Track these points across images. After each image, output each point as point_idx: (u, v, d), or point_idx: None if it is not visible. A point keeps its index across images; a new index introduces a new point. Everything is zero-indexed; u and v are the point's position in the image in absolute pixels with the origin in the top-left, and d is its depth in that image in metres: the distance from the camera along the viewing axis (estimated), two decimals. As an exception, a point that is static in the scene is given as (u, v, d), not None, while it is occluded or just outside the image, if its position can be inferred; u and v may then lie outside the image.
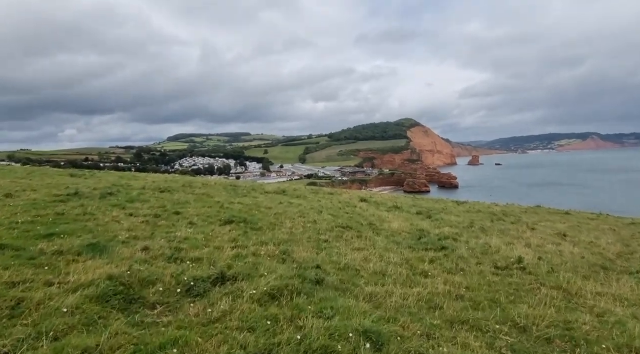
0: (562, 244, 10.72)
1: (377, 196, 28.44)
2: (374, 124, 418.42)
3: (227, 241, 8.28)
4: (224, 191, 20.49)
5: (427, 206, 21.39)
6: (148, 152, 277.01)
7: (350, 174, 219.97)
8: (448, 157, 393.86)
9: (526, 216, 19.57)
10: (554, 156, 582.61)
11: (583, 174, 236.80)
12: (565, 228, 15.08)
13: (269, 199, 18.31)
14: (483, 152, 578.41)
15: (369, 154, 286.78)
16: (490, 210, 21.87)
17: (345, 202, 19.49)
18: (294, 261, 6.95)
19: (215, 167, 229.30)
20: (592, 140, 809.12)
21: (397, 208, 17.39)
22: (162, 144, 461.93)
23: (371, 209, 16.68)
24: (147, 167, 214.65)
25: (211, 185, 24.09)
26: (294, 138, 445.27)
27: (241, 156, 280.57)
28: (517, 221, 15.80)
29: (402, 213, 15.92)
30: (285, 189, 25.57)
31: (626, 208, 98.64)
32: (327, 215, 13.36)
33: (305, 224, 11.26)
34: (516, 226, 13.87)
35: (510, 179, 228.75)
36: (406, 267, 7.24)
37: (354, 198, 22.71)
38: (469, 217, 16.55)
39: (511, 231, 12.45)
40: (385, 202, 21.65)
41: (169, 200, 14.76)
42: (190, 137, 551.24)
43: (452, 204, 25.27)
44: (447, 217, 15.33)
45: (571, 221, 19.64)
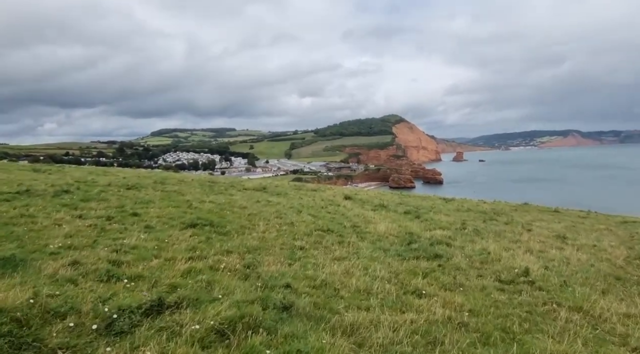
0: (565, 249, 9.72)
1: (362, 192, 27.34)
2: (360, 119, 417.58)
3: (183, 249, 6.96)
4: (199, 188, 19.06)
5: (414, 203, 20.33)
6: (131, 147, 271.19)
7: (335, 169, 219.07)
8: (433, 153, 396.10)
9: (518, 215, 18.70)
10: (535, 152, 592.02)
11: (564, 170, 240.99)
12: (562, 229, 14.17)
13: (246, 196, 16.97)
14: (467, 148, 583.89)
15: (354, 149, 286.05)
16: (480, 208, 20.96)
17: (328, 200, 18.30)
18: (260, 277, 5.69)
19: (200, 163, 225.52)
20: (573, 137, 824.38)
21: (383, 207, 16.26)
22: (146, 139, 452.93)
23: (355, 208, 15.51)
24: (129, 162, 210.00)
25: (187, 181, 22.63)
26: (279, 133, 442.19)
27: (226, 151, 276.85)
28: (510, 220, 14.83)
29: (388, 212, 14.79)
30: (265, 185, 24.26)
31: (607, 204, 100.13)
32: (306, 215, 12.12)
33: (280, 226, 9.99)
34: (511, 227, 12.86)
35: (493, 175, 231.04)
36: (395, 283, 6.05)
37: (337, 195, 21.53)
38: (460, 216, 15.52)
39: (507, 233, 11.43)
40: (370, 200, 20.54)
41: (132, 198, 13.30)
42: (174, 132, 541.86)
43: (440, 201, 24.32)
44: (436, 217, 14.25)
45: (564, 220, 18.83)
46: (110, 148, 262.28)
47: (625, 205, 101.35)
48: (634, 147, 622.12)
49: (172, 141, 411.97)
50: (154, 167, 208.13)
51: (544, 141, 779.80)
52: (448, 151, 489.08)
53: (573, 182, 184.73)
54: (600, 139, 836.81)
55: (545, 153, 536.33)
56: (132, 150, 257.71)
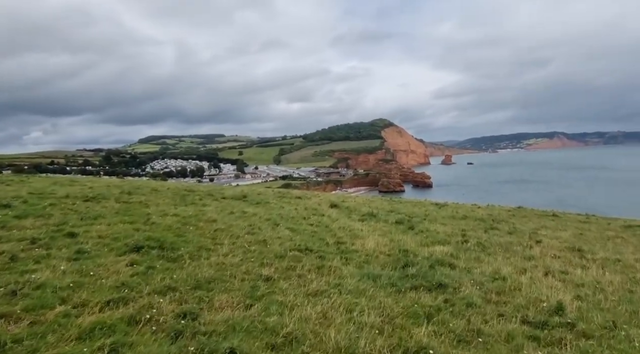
0: (588, 267, 8.18)
1: (350, 199, 25.71)
2: (348, 124, 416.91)
3: (107, 288, 5.22)
4: (170, 198, 17.25)
5: (406, 210, 18.76)
6: (118, 155, 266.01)
7: (324, 174, 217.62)
8: (421, 156, 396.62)
9: (518, 222, 17.24)
10: (522, 154, 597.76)
11: (550, 172, 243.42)
12: (571, 238, 12.69)
13: (221, 207, 15.21)
14: (455, 151, 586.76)
15: (343, 154, 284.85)
16: (476, 214, 19.49)
17: (312, 209, 16.62)
18: (196, 335, 3.98)
19: (188, 170, 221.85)
20: (558, 139, 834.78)
21: (373, 216, 14.63)
22: (133, 146, 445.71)
23: (342, 218, 13.85)
24: (116, 171, 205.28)
25: (161, 190, 20.80)
26: (268, 139, 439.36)
27: (215, 157, 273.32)
28: (513, 229, 13.31)
29: (378, 223, 13.15)
30: (247, 193, 22.52)
31: (594, 205, 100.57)
32: (284, 229, 10.41)
33: (249, 246, 8.28)
34: (517, 238, 11.32)
35: (482, 177, 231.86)
36: (390, 334, 4.40)
37: (323, 203, 19.86)
38: (457, 225, 13.97)
39: (514, 246, 9.87)
40: (358, 207, 18.92)
41: (82, 213, 11.46)
42: (162, 138, 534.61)
43: (433, 207, 22.82)
44: (432, 227, 12.66)
45: (567, 227, 17.43)
46: (96, 156, 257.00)
47: (612, 206, 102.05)
48: (617, 148, 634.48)
49: (160, 148, 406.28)
50: (142, 175, 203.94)
51: (531, 143, 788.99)
52: (437, 154, 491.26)
53: (559, 184, 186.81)
54: (585, 141, 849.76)
55: (532, 155, 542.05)
56: (119, 158, 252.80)
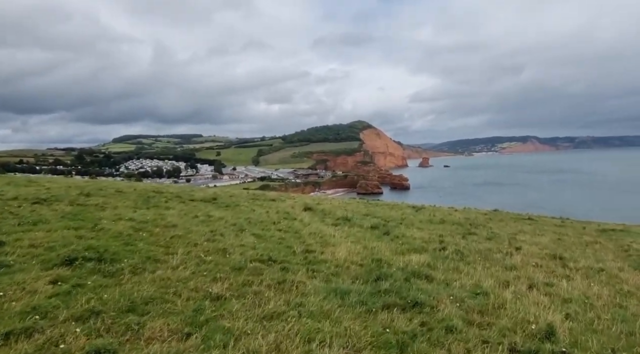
0: (573, 277, 7.65)
1: (326, 201, 24.98)
2: (327, 126, 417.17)
3: (14, 313, 4.25)
4: (133, 200, 16.11)
5: (382, 214, 18.16)
6: (91, 154, 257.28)
7: (303, 176, 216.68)
8: (399, 159, 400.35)
9: (495, 226, 16.86)
10: (497, 158, 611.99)
11: (523, 175, 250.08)
12: (550, 244, 12.28)
13: (186, 210, 14.18)
14: (432, 154, 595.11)
15: (322, 156, 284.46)
16: (453, 218, 19.06)
17: (284, 213, 15.78)
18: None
19: (164, 170, 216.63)
20: (531, 143, 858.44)
21: (347, 220, 13.89)
22: (107, 146, 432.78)
23: (314, 223, 13.07)
24: (89, 171, 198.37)
25: (126, 192, 19.56)
26: (246, 140, 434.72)
27: (192, 158, 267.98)
28: (491, 235, 12.81)
29: (352, 228, 12.43)
30: (218, 195, 21.51)
31: (564, 207, 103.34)
32: (249, 236, 9.54)
33: (205, 256, 7.38)
34: (496, 244, 10.78)
35: (458, 180, 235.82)
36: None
37: (297, 206, 19.07)
38: (435, 230, 13.40)
39: (494, 254, 9.30)
40: (333, 211, 18.18)
41: (23, 217, 10.29)
42: (137, 138, 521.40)
43: (410, 210, 22.33)
44: (408, 233, 12.03)
45: (544, 231, 17.17)
46: (68, 155, 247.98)
47: (581, 208, 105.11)
48: (586, 153, 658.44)
49: (135, 147, 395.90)
50: (116, 175, 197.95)
51: (505, 147, 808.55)
52: (414, 157, 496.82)
53: (532, 186, 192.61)
54: (556, 145, 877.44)
55: (506, 158, 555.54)
56: (92, 157, 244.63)
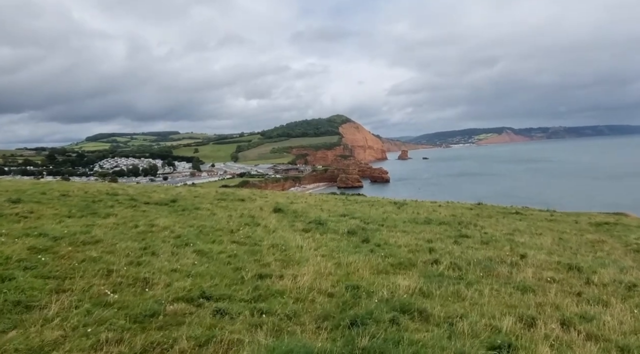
0: (607, 301, 5.96)
1: (301, 199, 23.04)
2: (306, 120, 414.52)
3: None
4: (70, 206, 13.80)
5: (361, 213, 16.36)
6: (63, 154, 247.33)
7: (283, 171, 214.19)
8: (379, 152, 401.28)
9: (486, 224, 15.36)
10: (474, 149, 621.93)
11: (499, 165, 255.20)
12: (555, 246, 10.76)
13: (128, 218, 12.01)
14: (411, 147, 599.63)
15: (301, 150, 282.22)
16: (438, 215, 17.49)
17: (249, 216, 13.80)
18: None
19: (140, 168, 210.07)
20: (507, 134, 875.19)
21: (321, 224, 12.04)
22: (81, 145, 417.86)
23: (281, 229, 11.14)
24: (61, 171, 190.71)
25: (71, 195, 17.15)
26: (225, 136, 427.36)
27: (169, 155, 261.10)
28: (487, 238, 11.20)
29: (326, 234, 10.56)
30: (179, 197, 19.34)
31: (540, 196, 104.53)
32: (190, 254, 7.52)
33: (113, 292, 5.34)
34: (496, 251, 9.09)
35: (437, 171, 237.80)
36: None
37: (267, 207, 17.09)
38: (420, 233, 11.69)
39: (497, 266, 7.60)
40: (307, 211, 16.29)
41: None
42: (112, 136, 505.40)
43: (392, 207, 20.66)
44: (391, 238, 10.25)
45: (538, 228, 15.72)
46: (38, 156, 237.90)
47: (554, 196, 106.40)
48: (558, 143, 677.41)
49: (110, 146, 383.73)
50: (90, 174, 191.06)
51: (481, 138, 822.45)
52: (393, 150, 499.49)
53: (506, 175, 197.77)
54: (530, 136, 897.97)
55: (482, 149, 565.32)
56: (64, 157, 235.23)
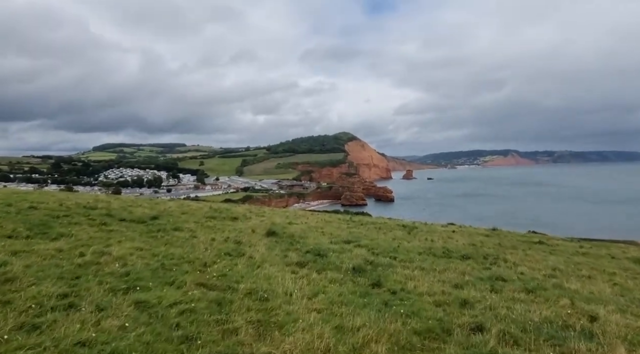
0: None
1: (301, 219, 20.86)
2: (312, 137, 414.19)
3: None
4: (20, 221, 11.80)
5: (368, 241, 14.12)
6: (69, 163, 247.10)
7: (287, 187, 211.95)
8: (384, 171, 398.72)
9: (513, 257, 13.13)
10: (479, 171, 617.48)
11: (504, 187, 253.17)
12: (618, 298, 8.42)
13: (82, 242, 9.91)
14: (416, 166, 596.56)
15: (306, 167, 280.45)
16: (456, 244, 15.26)
17: (234, 242, 11.69)
18: None
19: (145, 180, 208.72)
20: (512, 156, 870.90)
21: (320, 255, 9.82)
22: (87, 154, 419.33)
23: (268, 263, 8.98)
24: (66, 179, 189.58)
25: (42, 206, 15.26)
26: (231, 150, 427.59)
27: (174, 167, 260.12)
28: (526, 280, 8.91)
29: (325, 273, 8.40)
30: (163, 213, 17.30)
31: (547, 219, 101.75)
32: (126, 307, 5.33)
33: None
34: (555, 310, 6.76)
35: (442, 192, 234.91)
36: None
37: (259, 229, 14.95)
38: (444, 271, 9.52)
39: (572, 342, 5.28)
40: (305, 235, 14.13)
41: None
42: (119, 146, 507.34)
43: (401, 232, 18.44)
44: (410, 283, 8.07)
45: (576, 263, 13.46)
46: (44, 163, 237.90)
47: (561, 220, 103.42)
48: (564, 167, 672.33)
49: (116, 156, 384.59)
50: (94, 184, 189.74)
51: (487, 160, 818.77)
52: (398, 169, 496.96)
53: (511, 198, 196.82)
54: (536, 159, 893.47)
55: (488, 171, 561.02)
56: (69, 166, 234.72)
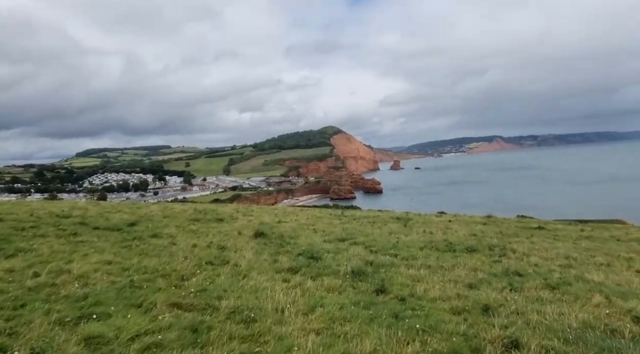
0: None
1: (290, 217, 19.76)
2: (298, 132, 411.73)
3: None
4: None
5: (364, 237, 13.13)
6: (52, 170, 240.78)
7: (276, 183, 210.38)
8: (371, 162, 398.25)
9: (520, 246, 12.33)
10: (465, 157, 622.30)
11: (490, 173, 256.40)
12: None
13: (46, 255, 8.74)
14: (403, 157, 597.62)
15: (294, 162, 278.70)
16: (457, 236, 14.45)
17: (218, 248, 10.57)
18: None
19: (131, 184, 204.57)
20: (497, 142, 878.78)
21: (314, 259, 8.76)
22: (70, 161, 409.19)
23: (256, 271, 7.93)
24: (49, 187, 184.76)
25: (8, 217, 13.87)
26: (217, 149, 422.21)
27: (160, 169, 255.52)
28: (551, 277, 7.89)
29: (321, 278, 7.31)
30: (144, 218, 16.04)
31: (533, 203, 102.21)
32: (72, 346, 4.15)
33: None
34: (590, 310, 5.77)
35: (430, 181, 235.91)
36: None
37: (247, 230, 13.90)
38: (453, 268, 8.60)
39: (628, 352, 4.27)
40: (296, 234, 13.12)
41: None
42: (103, 151, 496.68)
43: (397, 225, 17.49)
44: (418, 286, 7.02)
45: (588, 250, 12.64)
46: (27, 172, 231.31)
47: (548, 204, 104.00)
48: (548, 150, 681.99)
49: (100, 161, 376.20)
50: (79, 191, 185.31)
51: (472, 147, 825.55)
52: (385, 160, 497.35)
53: (497, 183, 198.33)
54: (520, 144, 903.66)
55: (474, 158, 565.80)
56: (53, 174, 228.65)
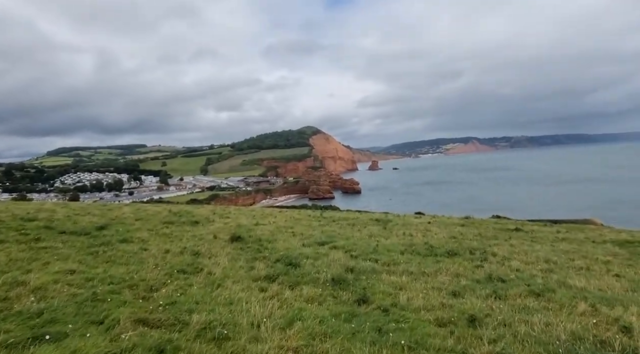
0: None
1: (269, 219, 19.42)
2: (277, 132, 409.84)
3: None
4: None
5: (344, 241, 12.94)
6: (21, 169, 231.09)
7: (254, 183, 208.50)
8: (349, 163, 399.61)
9: (502, 251, 12.33)
10: (442, 158, 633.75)
11: (465, 174, 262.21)
12: (632, 295, 7.57)
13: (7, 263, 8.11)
14: (381, 157, 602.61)
15: (272, 162, 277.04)
16: (436, 239, 14.45)
17: (192, 253, 10.15)
18: None
19: (105, 183, 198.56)
20: (473, 144, 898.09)
21: (292, 265, 8.48)
22: (41, 159, 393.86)
23: (231, 280, 7.63)
24: (19, 187, 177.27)
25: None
26: (194, 149, 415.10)
27: (136, 169, 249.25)
28: (533, 283, 7.87)
29: (300, 288, 7.06)
30: (115, 220, 15.41)
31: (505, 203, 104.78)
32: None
33: None
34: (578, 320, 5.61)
35: (408, 181, 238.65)
36: None
37: (223, 233, 13.51)
38: (436, 274, 8.48)
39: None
40: (274, 238, 12.83)
41: None
42: (75, 150, 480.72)
43: (377, 228, 17.42)
44: (401, 295, 6.86)
45: (567, 252, 12.83)
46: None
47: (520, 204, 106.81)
48: (521, 152, 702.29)
49: (72, 160, 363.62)
50: (49, 191, 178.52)
51: (449, 148, 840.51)
52: (364, 160, 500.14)
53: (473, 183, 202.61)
54: (494, 145, 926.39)
55: (450, 159, 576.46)
56: (22, 173, 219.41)
